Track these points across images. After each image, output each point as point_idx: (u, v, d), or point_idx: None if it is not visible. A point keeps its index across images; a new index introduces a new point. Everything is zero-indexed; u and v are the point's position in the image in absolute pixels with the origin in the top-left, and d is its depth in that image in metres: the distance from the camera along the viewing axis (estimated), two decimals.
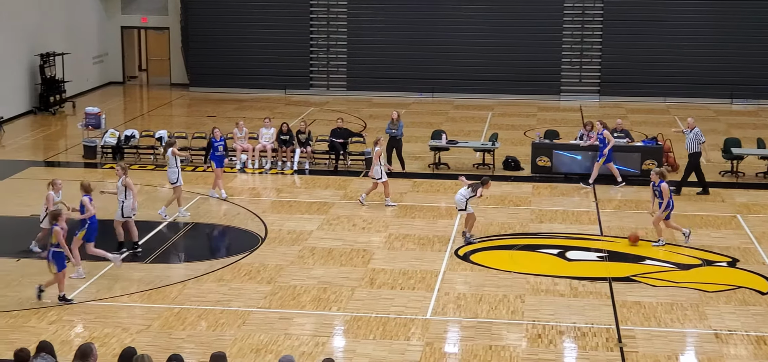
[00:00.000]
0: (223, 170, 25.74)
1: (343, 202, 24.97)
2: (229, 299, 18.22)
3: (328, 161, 28.82)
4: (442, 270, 19.94)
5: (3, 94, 34.47)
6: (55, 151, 30.94)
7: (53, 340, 15.43)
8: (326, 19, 42.14)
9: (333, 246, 21.35)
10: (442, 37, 41.25)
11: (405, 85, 41.34)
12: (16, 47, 35.91)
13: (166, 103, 40.32)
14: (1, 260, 20.35)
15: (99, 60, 43.07)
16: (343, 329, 17.06)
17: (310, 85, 42.31)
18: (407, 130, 32.93)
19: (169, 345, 15.78)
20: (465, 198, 21.48)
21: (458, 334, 16.89)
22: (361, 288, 18.90)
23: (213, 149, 25.50)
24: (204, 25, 41.95)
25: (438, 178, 27.53)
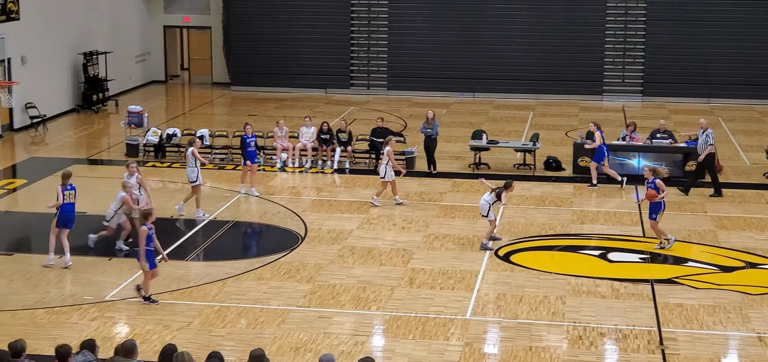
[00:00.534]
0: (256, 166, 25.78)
1: (384, 201, 24.92)
2: (268, 297, 18.25)
3: (368, 160, 28.80)
4: (481, 270, 19.86)
5: (47, 93, 34.77)
6: (97, 149, 31.17)
7: (95, 337, 15.53)
8: (367, 18, 42.13)
9: (372, 246, 21.33)
10: (484, 37, 41.11)
11: (446, 85, 41.24)
12: (60, 46, 36.22)
13: (208, 102, 40.50)
14: (45, 257, 20.45)
15: (142, 59, 43.35)
16: (382, 328, 17.04)
17: (351, 84, 42.33)
18: (448, 130, 32.91)
19: (209, 343, 15.83)
20: (488, 203, 21.20)
21: (498, 335, 16.81)
22: (400, 287, 18.87)
23: (246, 145, 25.60)
24: (245, 25, 42.08)
25: (478, 178, 27.38)
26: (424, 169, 27.88)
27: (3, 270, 19.62)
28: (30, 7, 33.74)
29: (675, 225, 22.86)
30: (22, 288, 18.69)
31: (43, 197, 25.43)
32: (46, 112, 33.86)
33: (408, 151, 28.73)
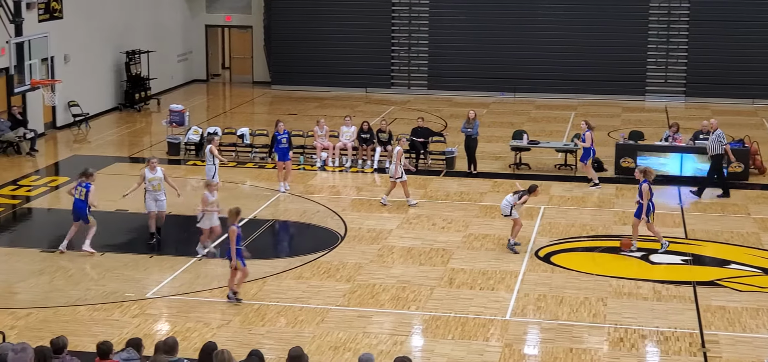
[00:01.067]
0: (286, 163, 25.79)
1: (423, 202, 24.89)
2: (308, 296, 18.27)
3: (409, 160, 28.75)
4: (521, 270, 19.77)
5: (90, 91, 35.03)
6: (139, 148, 31.36)
7: (136, 333, 15.68)
8: (408, 17, 42.08)
9: (412, 245, 21.30)
10: (525, 36, 40.90)
11: (486, 85, 41.10)
12: (103, 45, 36.48)
13: (248, 101, 40.64)
14: (87, 254, 20.64)
15: (183, 58, 43.57)
16: (421, 328, 17.00)
17: (391, 83, 42.29)
18: (488, 130, 32.81)
19: (249, 341, 15.87)
20: (510, 204, 21.05)
21: (538, 336, 16.72)
22: (440, 287, 18.82)
23: (277, 142, 25.68)
24: (287, 24, 42.17)
25: (518, 178, 27.23)
26: (465, 169, 27.80)
27: (45, 268, 19.79)
28: (73, 6, 34.01)
29: (718, 226, 22.64)
30: (64, 285, 18.84)
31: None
32: (88, 111, 34.12)
33: (448, 151, 28.66)
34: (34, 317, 17.16)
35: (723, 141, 25.57)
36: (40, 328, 16.54)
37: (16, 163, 28.79)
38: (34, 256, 20.52)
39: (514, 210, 21.03)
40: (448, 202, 24.89)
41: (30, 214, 24.66)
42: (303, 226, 23.09)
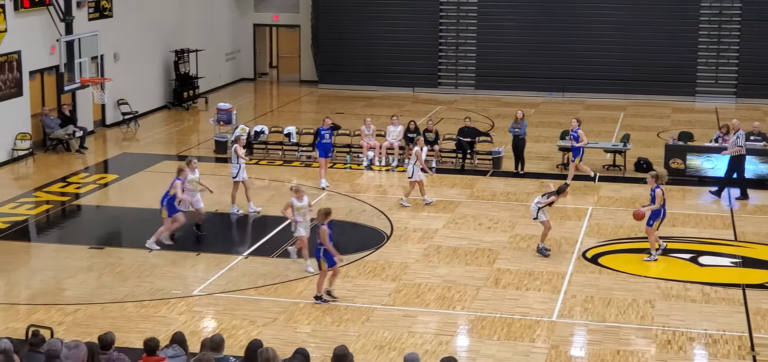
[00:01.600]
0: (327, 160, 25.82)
1: (470, 202, 24.81)
2: (353, 295, 18.26)
3: (455, 160, 28.68)
4: (569, 271, 19.62)
5: (139, 90, 35.30)
6: (187, 146, 31.54)
7: (182, 330, 15.72)
8: (456, 17, 41.98)
9: (458, 245, 21.23)
10: (574, 35, 40.61)
11: (534, 84, 40.89)
12: (153, 43, 36.75)
13: (295, 100, 40.75)
14: (135, 251, 20.80)
15: (231, 57, 43.79)
16: (467, 328, 16.94)
17: (439, 83, 42.21)
18: (536, 130, 32.64)
19: (294, 339, 15.89)
20: (538, 206, 20.79)
21: (585, 338, 16.59)
22: (486, 287, 18.74)
23: (320, 137, 25.70)
24: (334, 23, 42.24)
25: (565, 178, 27.10)
26: (511, 169, 27.67)
27: (93, 264, 19.95)
28: (123, 5, 34.29)
29: (766, 229, 22.41)
30: (112, 281, 18.98)
31: (134, 192, 25.87)
32: (137, 109, 34.38)
33: (495, 151, 28.54)
34: (83, 313, 17.31)
35: (740, 142, 25.31)
36: (88, 324, 16.69)
37: (65, 160, 29.08)
38: (83, 253, 20.69)
39: (542, 213, 20.72)
40: (494, 202, 24.79)
41: (79, 211, 24.88)
42: (349, 225, 23.07)
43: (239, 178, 23.47)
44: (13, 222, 22.90)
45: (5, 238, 21.83)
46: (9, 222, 22.85)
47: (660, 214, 20.41)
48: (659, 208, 20.32)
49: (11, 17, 28.30)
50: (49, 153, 29.70)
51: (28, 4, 28.87)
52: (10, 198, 24.93)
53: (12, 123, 28.52)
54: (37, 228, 23.10)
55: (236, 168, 23.43)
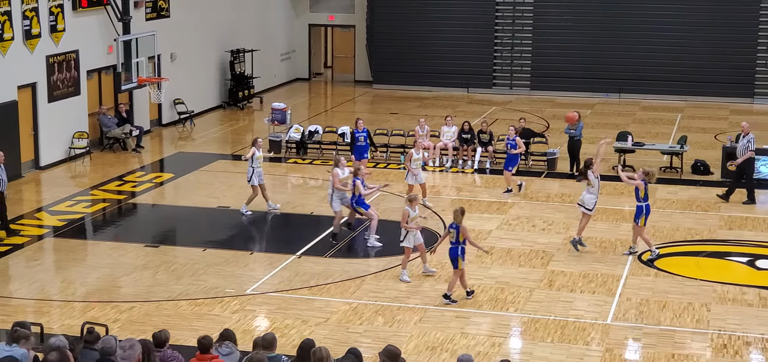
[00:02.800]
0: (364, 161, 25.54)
1: (524, 203, 24.67)
2: (406, 296, 18.23)
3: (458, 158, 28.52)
4: (624, 274, 19.43)
5: (195, 90, 35.55)
6: (242, 145, 31.66)
7: (235, 329, 15.76)
8: (512, 17, 41.77)
9: (512, 247, 21.11)
10: (630, 36, 40.22)
11: (590, 85, 40.55)
12: (209, 43, 36.99)
13: (350, 100, 40.80)
14: (189, 249, 20.94)
15: (286, 57, 43.95)
16: (520, 330, 16.83)
17: (494, 84, 42.03)
18: (592, 131, 32.37)
19: (346, 339, 15.89)
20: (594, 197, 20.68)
21: (639, 341, 16.41)
22: (539, 289, 18.61)
23: (355, 140, 25.64)
24: (389, 23, 42.23)
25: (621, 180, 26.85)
26: (567, 171, 27.48)
27: (148, 262, 20.12)
28: (180, 5, 34.55)
29: None
30: (167, 279, 19.12)
31: (190, 191, 26.03)
32: (193, 108, 34.63)
33: (550, 152, 28.36)
34: (137, 311, 17.45)
35: (751, 146, 24.94)
36: (142, 322, 16.82)
37: (122, 159, 29.36)
38: (138, 251, 20.87)
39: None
40: (548, 204, 24.63)
41: (135, 209, 25.10)
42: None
43: (254, 182, 23.16)
44: (70, 220, 23.16)
45: (62, 236, 22.10)
46: (66, 220, 23.12)
47: (643, 210, 20.19)
48: (642, 204, 20.15)
49: (69, 17, 28.63)
50: (105, 152, 30.00)
51: (86, 4, 29.20)
52: (67, 196, 25.22)
53: (70, 122, 28.84)
54: (93, 226, 23.35)
55: (250, 171, 23.17)
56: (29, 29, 26.95)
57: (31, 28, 27.03)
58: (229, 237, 22.23)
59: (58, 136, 28.39)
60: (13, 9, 26.29)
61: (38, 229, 22.61)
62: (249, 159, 23.21)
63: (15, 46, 26.43)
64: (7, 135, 25.73)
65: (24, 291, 18.55)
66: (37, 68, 27.50)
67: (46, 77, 27.83)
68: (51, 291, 18.56)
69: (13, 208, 22.82)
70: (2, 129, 25.66)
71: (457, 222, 17.85)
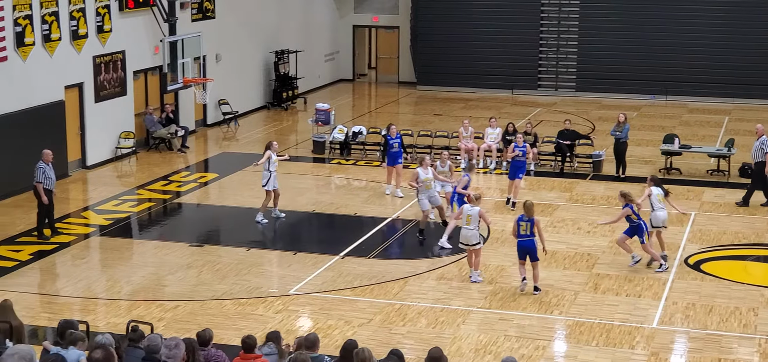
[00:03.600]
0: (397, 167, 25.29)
1: (569, 205, 24.52)
2: (449, 297, 18.17)
3: (554, 163, 28.37)
4: (670, 278, 19.24)
5: (240, 90, 35.70)
6: (285, 146, 31.73)
7: (278, 328, 15.82)
8: (557, 18, 41.54)
9: (556, 249, 20.97)
10: (677, 38, 39.82)
11: (637, 87, 40.22)
12: (253, 44, 37.14)
13: (394, 101, 40.78)
14: (233, 249, 21.01)
15: (330, 58, 44.03)
16: (564, 333, 16.72)
17: (538, 85, 41.83)
18: (638, 134, 32.15)
19: (389, 340, 15.86)
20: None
21: (685, 345, 16.26)
22: (584, 292, 18.48)
23: (389, 146, 25.40)
24: (433, 24, 42.15)
25: (669, 183, 26.60)
26: (612, 173, 27.27)
27: (193, 262, 20.21)
28: (226, 6, 34.72)
29: None
30: (211, 279, 19.20)
31: (234, 191, 26.13)
32: (237, 109, 34.77)
33: (595, 154, 28.17)
34: (182, 309, 17.54)
35: (765, 148, 24.57)
36: (187, 320, 16.90)
37: (167, 158, 29.55)
38: (183, 250, 20.98)
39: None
40: (594, 206, 24.46)
41: (179, 209, 25.24)
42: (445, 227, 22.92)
43: (269, 187, 22.85)
44: (116, 219, 23.33)
45: (108, 235, 22.27)
46: (112, 219, 23.29)
47: (644, 228, 19.49)
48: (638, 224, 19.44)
49: (116, 18, 28.85)
50: (151, 151, 30.20)
51: (132, 5, 29.41)
52: (113, 195, 25.42)
53: (116, 122, 29.07)
54: (139, 225, 23.51)
55: (266, 176, 22.79)
56: (76, 30, 27.19)
57: (78, 28, 27.27)
58: (272, 237, 22.28)
59: (104, 136, 28.63)
60: (61, 10, 26.54)
61: (85, 228, 22.80)
62: (265, 163, 22.77)
63: (62, 47, 26.68)
64: (54, 134, 25.97)
65: (70, 289, 18.71)
66: (84, 68, 27.74)
67: (93, 77, 28.07)
68: (97, 290, 18.71)
69: (60, 207, 23.03)
70: (50, 128, 25.91)
71: (530, 216, 18.20)
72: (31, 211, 22.23)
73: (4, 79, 24.60)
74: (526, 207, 18.44)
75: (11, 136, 24.69)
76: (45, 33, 26.01)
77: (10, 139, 24.64)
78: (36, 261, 20.28)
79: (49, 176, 21.46)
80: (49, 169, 21.47)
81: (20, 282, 18.90)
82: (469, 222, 18.82)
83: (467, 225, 18.86)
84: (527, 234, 18.21)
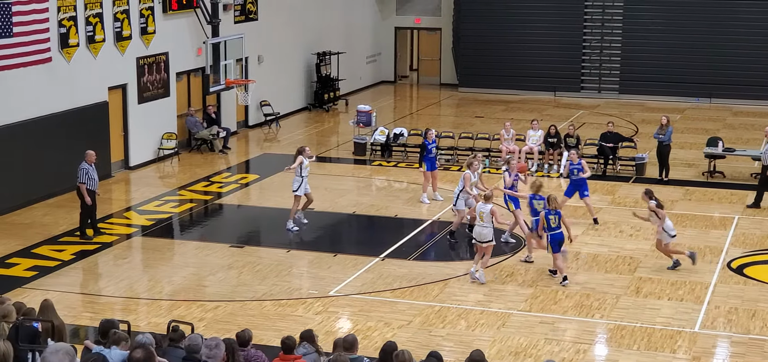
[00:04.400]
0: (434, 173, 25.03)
1: (611, 208, 24.36)
2: (489, 300, 18.10)
3: (597, 166, 28.19)
4: (712, 282, 19.05)
5: (282, 91, 35.81)
6: (326, 147, 31.83)
7: (318, 330, 15.83)
8: (601, 19, 41.29)
9: (598, 252, 20.84)
10: (722, 40, 39.43)
11: (681, 90, 39.86)
12: (295, 46, 37.24)
13: (435, 103, 40.73)
14: (273, 250, 21.07)
15: (372, 59, 44.06)
16: (605, 337, 16.60)
17: (581, 87, 41.60)
18: (682, 136, 31.89)
19: (428, 342, 15.83)
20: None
21: (727, 350, 16.09)
22: (626, 296, 18.34)
23: (427, 151, 24.94)
24: (475, 27, 42.03)
25: (712, 186, 26.41)
26: (655, 176, 27.05)
27: (233, 262, 20.28)
28: (268, 8, 34.84)
29: None
30: (251, 279, 19.26)
31: (275, 192, 26.21)
32: (279, 110, 34.88)
33: (638, 157, 27.96)
34: (222, 310, 17.60)
35: None
36: (227, 321, 16.96)
37: (209, 159, 29.69)
38: (224, 251, 21.06)
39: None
40: (636, 209, 24.24)
41: (221, 210, 25.35)
42: None
43: (300, 192, 22.51)
44: (158, 220, 23.48)
45: (150, 235, 22.41)
46: (154, 220, 23.44)
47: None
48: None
49: (160, 19, 29.04)
50: (193, 152, 30.37)
51: (176, 7, 29.59)
52: (155, 196, 25.58)
53: (159, 123, 29.26)
54: (180, 226, 23.65)
55: (298, 181, 22.46)
56: (120, 31, 27.40)
57: (122, 30, 27.48)
58: (313, 238, 22.32)
59: (147, 137, 28.82)
60: (105, 11, 26.75)
61: (127, 228, 22.97)
62: (296, 167, 22.42)
63: (106, 48, 26.90)
64: (98, 135, 26.18)
65: (112, 288, 18.85)
66: (128, 70, 27.95)
67: (137, 79, 28.27)
68: (138, 290, 18.83)
69: (102, 207, 23.21)
70: (93, 129, 26.12)
71: (557, 208, 18.98)
72: (73, 211, 22.43)
73: (48, 80, 24.85)
74: (551, 199, 19.16)
75: (55, 136, 24.93)
76: (89, 34, 26.24)
77: (54, 139, 24.87)
78: (78, 260, 20.45)
79: (92, 177, 21.64)
80: (92, 170, 21.65)
81: (63, 282, 19.08)
82: (482, 220, 18.94)
83: (481, 223, 18.98)
84: (557, 226, 18.80)
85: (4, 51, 23.07)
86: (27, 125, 24.18)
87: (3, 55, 23.07)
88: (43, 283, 18.87)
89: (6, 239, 21.58)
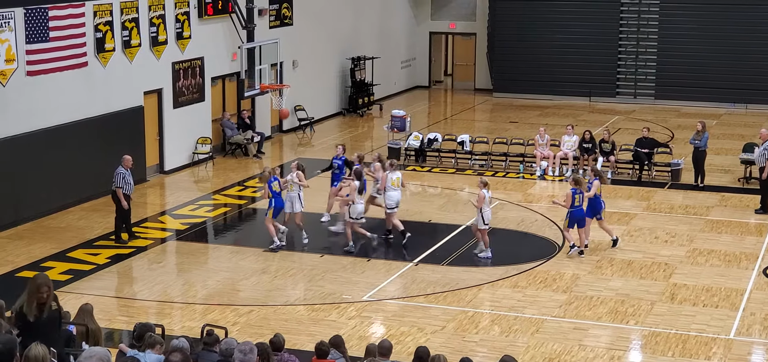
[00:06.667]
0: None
1: (646, 214, 24.22)
2: (523, 306, 18.05)
3: (632, 171, 28.03)
4: (748, 288, 18.90)
5: (316, 96, 35.88)
6: (360, 152, 31.79)
7: (351, 335, 15.94)
8: (637, 25, 41.06)
9: (633, 258, 20.72)
10: (759, 46, 39.09)
11: (717, 96, 39.55)
12: (330, 51, 37.32)
13: (470, 108, 40.67)
14: (307, 255, 21.12)
15: (407, 64, 44.05)
16: (640, 344, 16.50)
17: (617, 92, 41.38)
18: (718, 142, 31.65)
19: (461, 348, 15.80)
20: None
21: (763, 357, 15.97)
22: (661, 302, 18.23)
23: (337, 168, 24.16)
24: (510, 32, 41.93)
25: (748, 192, 26.18)
26: (691, 182, 26.87)
27: (267, 267, 20.34)
28: (303, 13, 34.93)
29: None
30: (285, 284, 19.31)
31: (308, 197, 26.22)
32: (313, 115, 34.94)
33: (674, 163, 27.79)
34: (256, 314, 17.65)
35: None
36: (260, 325, 17.01)
37: (243, 164, 29.80)
38: (258, 255, 21.12)
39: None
40: (672, 215, 24.12)
41: (254, 215, 25.42)
42: (520, 235, 22.84)
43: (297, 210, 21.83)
44: (192, 224, 23.59)
45: (184, 239, 22.53)
46: (188, 224, 23.55)
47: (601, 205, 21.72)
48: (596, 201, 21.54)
49: (195, 24, 29.19)
50: (227, 157, 30.48)
51: (211, 12, 29.74)
52: (189, 200, 25.70)
53: (194, 127, 29.40)
54: (214, 230, 23.75)
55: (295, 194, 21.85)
56: (156, 36, 27.57)
57: (158, 35, 27.65)
58: (346, 244, 22.30)
59: (182, 141, 28.97)
60: (141, 16, 26.92)
61: (161, 232, 23.10)
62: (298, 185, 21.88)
63: (142, 53, 27.07)
64: (133, 139, 26.35)
65: (146, 292, 18.95)
66: (163, 74, 28.10)
67: (172, 83, 28.43)
68: (173, 293, 18.93)
69: (137, 211, 23.35)
70: (129, 134, 26.29)
71: (582, 188, 20.94)
72: (108, 215, 22.57)
73: (84, 85, 25.04)
74: (578, 180, 21.25)
75: (91, 140, 25.11)
76: (125, 39, 26.41)
77: (90, 143, 25.05)
78: (113, 264, 20.58)
79: (129, 181, 21.78)
80: (129, 175, 21.80)
81: (98, 285, 19.20)
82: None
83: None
84: (580, 204, 20.70)
85: (40, 55, 23.30)
86: (63, 129, 24.36)
87: (39, 59, 23.30)
88: (78, 287, 19.01)
89: (42, 242, 21.77)
